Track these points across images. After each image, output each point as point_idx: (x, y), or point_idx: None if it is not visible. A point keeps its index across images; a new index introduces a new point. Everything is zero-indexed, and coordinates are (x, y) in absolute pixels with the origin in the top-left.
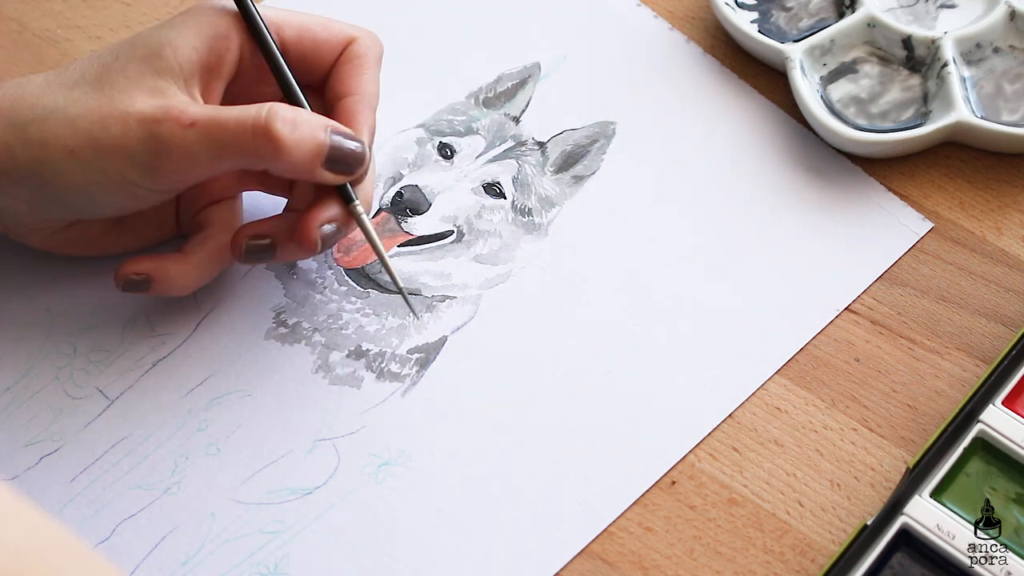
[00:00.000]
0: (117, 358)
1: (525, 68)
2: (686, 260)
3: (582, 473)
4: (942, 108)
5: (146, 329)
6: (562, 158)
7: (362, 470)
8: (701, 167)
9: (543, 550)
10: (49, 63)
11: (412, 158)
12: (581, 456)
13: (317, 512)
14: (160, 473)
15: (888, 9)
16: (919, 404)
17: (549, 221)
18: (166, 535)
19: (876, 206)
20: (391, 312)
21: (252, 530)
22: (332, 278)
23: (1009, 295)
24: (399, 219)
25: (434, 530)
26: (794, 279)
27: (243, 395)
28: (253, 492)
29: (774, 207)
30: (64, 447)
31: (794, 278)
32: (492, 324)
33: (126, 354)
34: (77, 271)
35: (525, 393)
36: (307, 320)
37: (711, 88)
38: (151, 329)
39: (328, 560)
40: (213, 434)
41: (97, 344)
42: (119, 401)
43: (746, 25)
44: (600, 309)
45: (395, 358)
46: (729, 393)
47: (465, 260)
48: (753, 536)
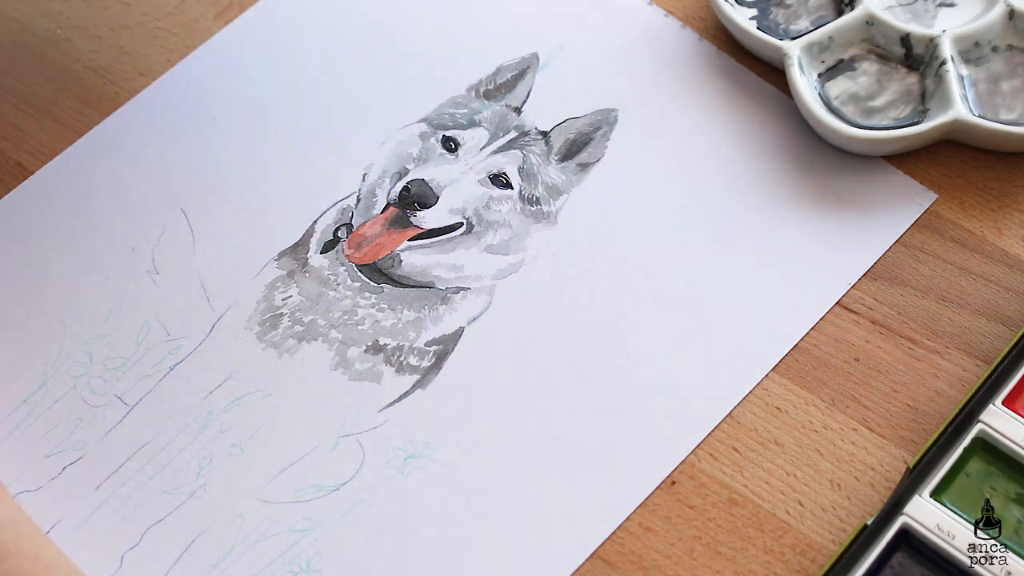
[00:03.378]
0: (134, 364)
1: (524, 59)
2: (688, 247)
3: (608, 456)
4: (940, 106)
5: (161, 334)
6: (566, 146)
7: (388, 464)
8: (701, 156)
9: (573, 536)
10: (49, 63)
11: (417, 153)
12: (606, 440)
13: (346, 508)
14: (185, 477)
15: (887, 7)
16: (919, 404)
17: (557, 209)
18: (195, 538)
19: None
20: (406, 306)
21: (281, 529)
22: (345, 275)
23: (1009, 295)
24: (408, 213)
25: (464, 521)
26: (796, 265)
27: (263, 395)
28: (280, 491)
29: (772, 198)
30: (86, 456)
31: (796, 264)
32: (507, 313)
33: (143, 360)
34: (88, 280)
35: (543, 380)
36: (322, 317)
37: (710, 75)
38: (166, 334)
39: (359, 555)
40: (235, 435)
41: (113, 351)
42: (139, 407)
43: (745, 22)
44: (610, 296)
45: (413, 351)
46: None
47: (476, 251)
48: (753, 536)
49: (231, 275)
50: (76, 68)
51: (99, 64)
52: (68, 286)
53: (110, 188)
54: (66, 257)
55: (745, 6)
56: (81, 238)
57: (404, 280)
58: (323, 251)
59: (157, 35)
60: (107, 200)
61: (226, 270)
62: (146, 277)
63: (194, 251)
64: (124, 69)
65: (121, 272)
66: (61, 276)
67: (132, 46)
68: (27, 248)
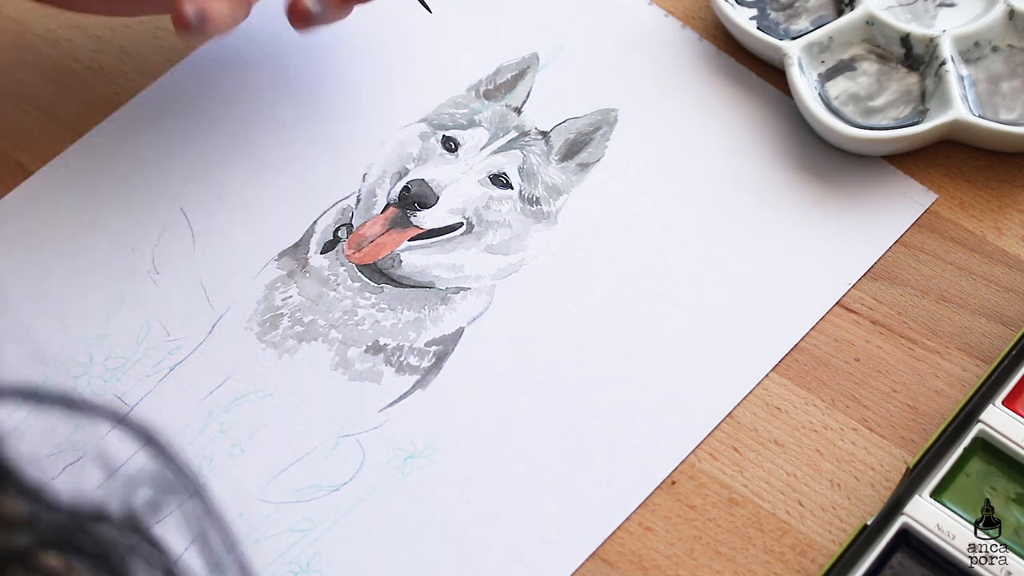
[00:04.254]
0: (134, 364)
1: (524, 59)
2: (688, 247)
3: (608, 456)
4: (940, 106)
5: (161, 334)
6: (566, 146)
7: (388, 464)
8: (700, 155)
9: (573, 536)
10: (49, 63)
11: (417, 152)
12: (606, 439)
13: (346, 508)
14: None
15: (887, 7)
16: (919, 404)
17: (557, 209)
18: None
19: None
20: (406, 306)
21: (281, 529)
22: (345, 275)
23: (1009, 295)
24: (408, 213)
25: (464, 521)
26: (796, 265)
27: (263, 395)
28: (280, 491)
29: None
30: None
31: (796, 264)
32: (507, 313)
33: (143, 360)
34: (88, 280)
35: (543, 380)
36: (322, 317)
37: (710, 75)
38: (166, 334)
39: (359, 555)
40: (235, 435)
41: (113, 351)
42: (139, 407)
43: (745, 22)
44: (610, 296)
45: (413, 351)
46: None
47: (476, 251)
48: (753, 536)
49: (231, 275)
50: (76, 68)
51: (99, 64)
52: (68, 286)
53: (110, 188)
54: (66, 257)
55: (745, 6)
56: (81, 238)
57: (404, 280)
58: (323, 251)
59: (157, 35)
60: (107, 200)
61: (226, 270)
62: (146, 277)
63: (194, 251)
64: (124, 69)
65: (121, 272)
66: (61, 276)
67: (132, 46)
68: (27, 248)
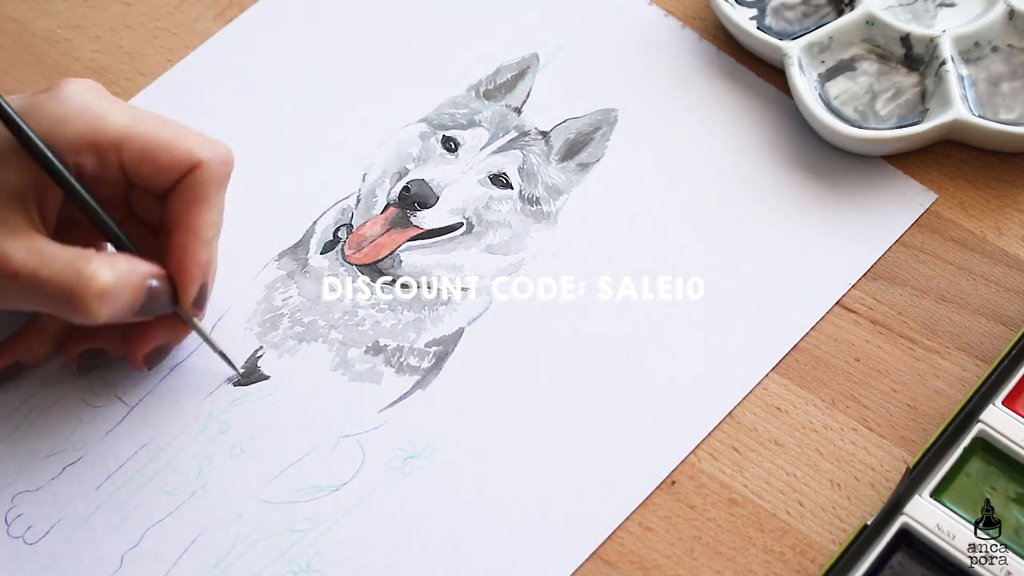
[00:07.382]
0: None
1: (524, 59)
2: (688, 247)
3: (608, 456)
4: (940, 106)
5: None
6: (566, 146)
7: (388, 464)
8: (700, 155)
9: (573, 536)
10: (49, 63)
11: (416, 152)
12: (606, 439)
13: (346, 508)
14: (185, 477)
15: (887, 7)
16: (919, 404)
17: (557, 209)
18: (195, 538)
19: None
20: (406, 307)
21: (281, 529)
22: (345, 275)
23: (1009, 295)
24: (408, 213)
25: (464, 521)
26: (796, 265)
27: (263, 395)
28: (280, 491)
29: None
30: (87, 456)
31: (796, 264)
32: (507, 314)
33: None
34: None
35: (543, 380)
36: (322, 318)
37: (710, 75)
38: None
39: (359, 555)
40: (235, 436)
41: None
42: (139, 407)
43: (745, 22)
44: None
45: (413, 352)
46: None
47: (476, 251)
48: (753, 536)
49: (231, 275)
50: (76, 68)
51: (99, 64)
52: None
53: None
54: None
55: (745, 6)
56: None
57: (405, 281)
58: (323, 251)
59: (157, 35)
60: None
61: (226, 270)
62: None
63: None
64: (124, 69)
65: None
66: None
67: (132, 46)
68: None
